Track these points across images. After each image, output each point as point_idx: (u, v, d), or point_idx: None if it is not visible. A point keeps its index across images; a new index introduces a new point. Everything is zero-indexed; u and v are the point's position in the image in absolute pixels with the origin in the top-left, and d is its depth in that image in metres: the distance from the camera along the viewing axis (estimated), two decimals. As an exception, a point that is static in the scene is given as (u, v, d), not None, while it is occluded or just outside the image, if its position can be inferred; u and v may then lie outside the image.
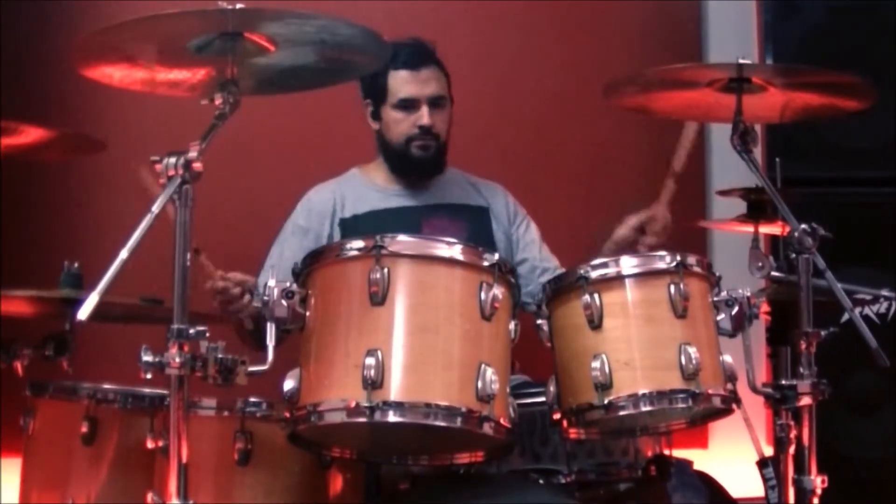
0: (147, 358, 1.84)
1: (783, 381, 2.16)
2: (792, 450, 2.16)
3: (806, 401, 2.12)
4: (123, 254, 1.77)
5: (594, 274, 2.11)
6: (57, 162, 3.08)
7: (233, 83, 2.00)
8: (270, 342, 2.01)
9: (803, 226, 2.14)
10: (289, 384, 2.00)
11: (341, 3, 2.74)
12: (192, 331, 1.85)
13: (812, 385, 2.12)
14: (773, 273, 2.35)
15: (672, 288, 2.08)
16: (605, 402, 2.04)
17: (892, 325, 2.94)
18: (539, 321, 2.18)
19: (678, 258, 2.12)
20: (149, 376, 1.86)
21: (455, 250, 2.03)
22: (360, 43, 2.09)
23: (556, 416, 2.14)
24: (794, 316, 2.16)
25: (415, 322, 1.98)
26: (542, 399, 2.16)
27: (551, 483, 2.28)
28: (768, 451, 2.41)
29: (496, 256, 2.05)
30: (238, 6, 1.91)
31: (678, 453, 2.43)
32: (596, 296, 2.08)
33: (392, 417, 1.91)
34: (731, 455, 3.08)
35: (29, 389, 2.39)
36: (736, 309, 2.15)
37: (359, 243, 2.03)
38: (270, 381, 2.01)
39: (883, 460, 3.18)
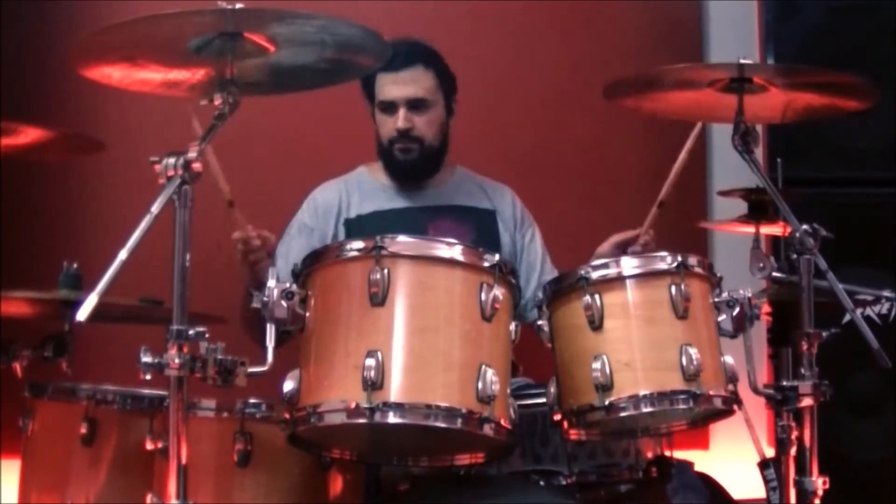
0: (146, 359, 1.83)
1: (784, 382, 2.15)
2: (793, 451, 2.15)
3: (807, 402, 2.12)
4: (123, 254, 1.77)
5: (595, 275, 2.10)
6: (56, 162, 3.08)
7: (232, 83, 1.99)
8: (270, 343, 2.01)
9: (805, 226, 2.13)
10: (288, 385, 1.99)
11: (341, 3, 2.75)
12: (191, 332, 1.84)
13: (813, 386, 2.12)
14: (775, 274, 2.34)
15: (673, 289, 2.08)
16: (606, 403, 2.03)
17: (894, 326, 2.93)
18: (539, 322, 2.17)
19: (679, 259, 2.11)
20: (148, 377, 1.85)
21: (455, 251, 2.02)
22: (360, 43, 2.08)
23: (557, 417, 2.13)
24: (796, 317, 2.16)
25: (415, 323, 1.98)
26: (543, 400, 2.16)
27: (552, 484, 2.27)
28: (769, 452, 2.40)
29: (496, 257, 2.04)
30: (238, 6, 1.90)
31: (679, 454, 2.42)
32: (597, 296, 2.08)
33: (392, 418, 1.91)
34: (732, 456, 3.07)
35: (28, 390, 2.38)
36: (737, 310, 2.15)
37: (359, 244, 2.02)
38: (270, 382, 2.00)
39: (884, 461, 3.17)
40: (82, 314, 1.72)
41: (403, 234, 2.02)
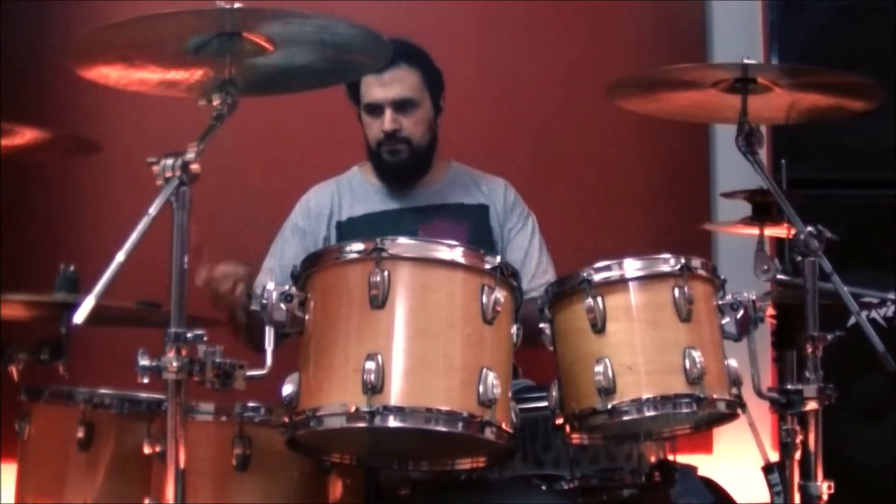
0: (144, 362, 1.82)
1: (789, 386, 2.14)
2: (798, 455, 2.14)
3: (812, 405, 2.11)
4: (120, 256, 1.75)
5: (597, 277, 2.08)
6: (53, 163, 3.07)
7: (231, 83, 1.98)
8: (269, 347, 1.99)
9: (809, 228, 2.12)
10: (288, 389, 1.98)
11: (341, 3, 2.73)
12: (189, 334, 1.83)
13: (818, 389, 2.11)
14: (779, 276, 2.32)
15: (676, 291, 2.06)
16: (609, 406, 2.02)
17: (899, 329, 2.91)
18: (541, 325, 2.16)
19: (682, 261, 2.09)
20: (146, 381, 1.83)
21: (456, 253, 2.01)
22: (360, 43, 2.07)
23: (559, 420, 2.12)
24: (800, 319, 2.15)
25: (415, 326, 1.96)
26: (545, 403, 2.14)
27: (554, 489, 2.26)
28: (774, 456, 2.38)
29: (498, 259, 2.03)
30: (236, 6, 1.89)
31: (682, 459, 2.41)
32: (599, 299, 2.06)
33: (392, 422, 1.89)
34: (737, 460, 3.06)
35: (24, 394, 2.37)
36: (741, 312, 2.13)
37: (359, 246, 2.00)
38: (269, 386, 1.99)
39: (890, 466, 3.14)
40: (79, 317, 1.71)
41: (404, 236, 2.01)
